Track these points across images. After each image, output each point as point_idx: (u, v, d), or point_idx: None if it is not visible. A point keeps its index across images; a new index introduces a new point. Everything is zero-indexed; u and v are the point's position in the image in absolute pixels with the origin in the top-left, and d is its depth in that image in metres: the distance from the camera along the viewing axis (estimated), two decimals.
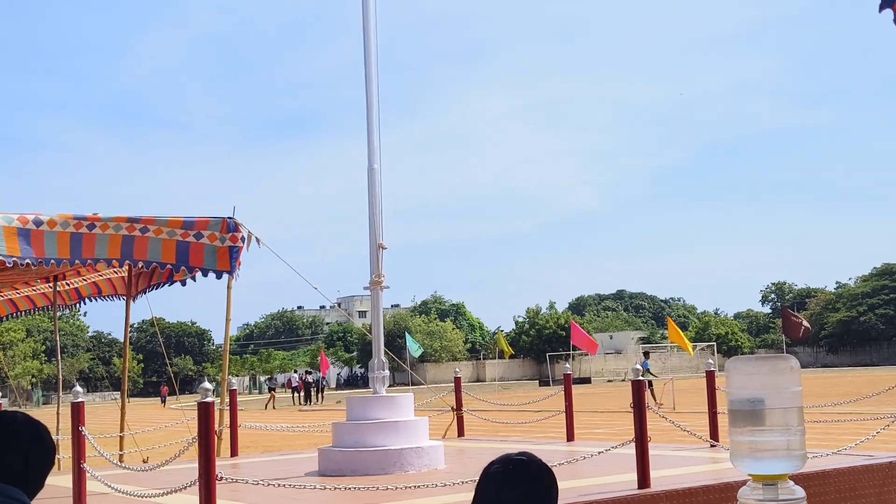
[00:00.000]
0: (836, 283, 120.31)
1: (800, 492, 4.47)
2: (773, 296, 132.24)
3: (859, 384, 43.00)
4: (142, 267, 11.86)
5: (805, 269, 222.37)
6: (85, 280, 15.27)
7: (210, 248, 11.65)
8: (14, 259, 10.47)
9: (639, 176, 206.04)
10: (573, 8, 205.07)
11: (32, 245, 10.67)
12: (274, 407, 52.83)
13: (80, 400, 8.79)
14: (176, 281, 13.20)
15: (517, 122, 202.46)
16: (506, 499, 2.52)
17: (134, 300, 14.67)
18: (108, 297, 15.52)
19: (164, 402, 66.21)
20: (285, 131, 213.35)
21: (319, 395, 60.66)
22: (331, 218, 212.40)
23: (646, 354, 39.08)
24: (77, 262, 11.40)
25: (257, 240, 12.39)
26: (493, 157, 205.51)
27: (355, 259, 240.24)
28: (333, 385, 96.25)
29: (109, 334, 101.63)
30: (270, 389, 59.22)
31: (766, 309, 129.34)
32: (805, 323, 44.53)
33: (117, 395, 67.23)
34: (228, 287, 12.57)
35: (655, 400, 30.46)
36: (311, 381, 60.54)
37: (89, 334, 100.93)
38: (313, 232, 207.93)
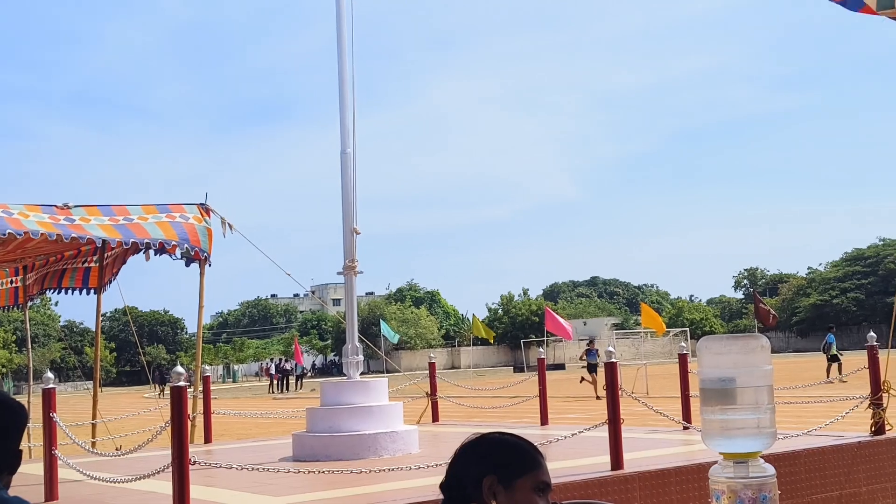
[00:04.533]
0: (808, 268, 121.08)
1: (770, 469, 4.50)
2: (745, 282, 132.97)
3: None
4: (148, 244, 11.59)
5: (777, 255, 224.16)
6: (53, 269, 15.01)
7: (201, 228, 11.63)
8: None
9: (612, 163, 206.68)
10: None
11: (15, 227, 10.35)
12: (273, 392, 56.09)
13: (51, 386, 8.71)
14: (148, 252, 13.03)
15: (490, 109, 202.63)
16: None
17: (109, 284, 14.44)
18: (78, 289, 15.25)
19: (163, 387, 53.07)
20: (256, 118, 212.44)
21: (299, 382, 60.60)
22: (304, 207, 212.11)
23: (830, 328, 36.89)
24: (73, 236, 10.98)
25: (230, 226, 12.36)
26: (467, 145, 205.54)
27: (329, 248, 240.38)
28: (309, 374, 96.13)
29: (81, 323, 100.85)
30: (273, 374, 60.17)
31: (739, 295, 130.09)
32: (772, 312, 45.17)
33: (89, 384, 66.77)
34: (201, 273, 12.49)
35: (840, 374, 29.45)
36: (287, 368, 60.42)
37: (61, 324, 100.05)
38: (286, 220, 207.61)
